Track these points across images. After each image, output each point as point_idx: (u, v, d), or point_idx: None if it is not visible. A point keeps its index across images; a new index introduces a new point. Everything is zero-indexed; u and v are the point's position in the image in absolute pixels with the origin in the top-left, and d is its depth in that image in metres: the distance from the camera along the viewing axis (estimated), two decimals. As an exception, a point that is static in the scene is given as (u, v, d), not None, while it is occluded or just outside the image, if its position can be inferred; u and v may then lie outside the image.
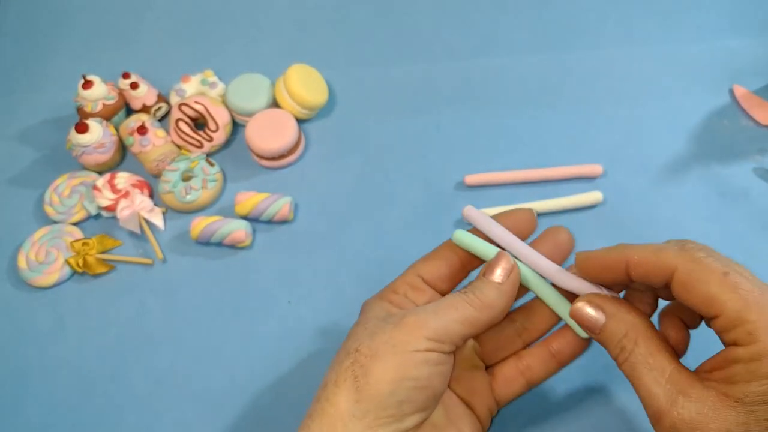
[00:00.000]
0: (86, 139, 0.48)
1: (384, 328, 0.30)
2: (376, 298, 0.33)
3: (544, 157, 0.49)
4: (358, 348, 0.30)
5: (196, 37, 0.61)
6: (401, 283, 0.34)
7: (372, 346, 0.29)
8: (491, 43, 0.57)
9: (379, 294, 0.34)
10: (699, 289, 0.26)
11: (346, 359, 0.30)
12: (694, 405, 0.26)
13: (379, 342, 0.29)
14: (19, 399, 0.42)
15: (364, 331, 0.30)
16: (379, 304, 0.33)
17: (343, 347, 0.31)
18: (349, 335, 0.31)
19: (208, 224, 0.46)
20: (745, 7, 0.58)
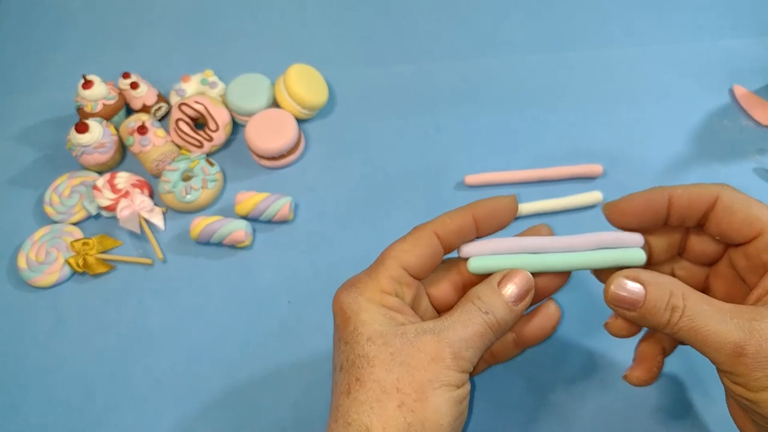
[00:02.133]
0: (86, 139, 0.48)
1: (419, 360, 0.28)
2: (363, 299, 0.30)
3: (544, 157, 0.49)
4: (398, 387, 0.27)
5: (196, 37, 0.61)
6: (386, 278, 0.30)
7: (416, 385, 0.27)
8: (491, 43, 0.57)
9: (363, 289, 0.30)
10: (741, 211, 0.29)
11: (387, 400, 0.27)
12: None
13: (423, 380, 0.27)
14: (19, 399, 0.42)
15: (391, 358, 0.28)
16: (374, 308, 0.30)
17: (367, 377, 0.28)
18: (359, 353, 0.28)
19: (208, 224, 0.46)
20: (745, 7, 0.58)
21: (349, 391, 0.28)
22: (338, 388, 0.29)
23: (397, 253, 0.31)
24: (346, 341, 0.29)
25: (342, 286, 0.31)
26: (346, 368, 0.29)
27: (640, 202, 0.31)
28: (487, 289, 0.30)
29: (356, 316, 0.29)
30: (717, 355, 0.27)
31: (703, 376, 0.39)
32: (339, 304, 0.30)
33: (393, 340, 0.28)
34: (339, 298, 0.31)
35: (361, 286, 0.31)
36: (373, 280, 0.31)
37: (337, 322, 0.30)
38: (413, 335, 0.28)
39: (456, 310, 0.30)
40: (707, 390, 0.39)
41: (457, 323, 0.29)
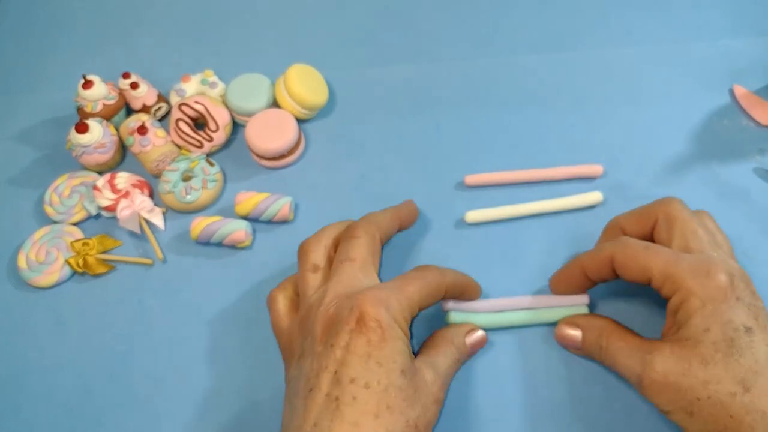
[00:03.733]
0: (86, 139, 0.48)
1: (429, 400, 0.33)
2: (397, 325, 0.33)
3: (544, 157, 0.49)
4: (417, 424, 0.32)
5: (196, 37, 0.61)
6: (409, 311, 0.34)
7: (426, 423, 0.33)
8: (491, 43, 0.57)
9: (396, 315, 0.33)
10: (631, 265, 0.35)
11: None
12: (660, 357, 0.32)
13: (430, 420, 0.33)
14: (19, 399, 0.42)
15: (415, 395, 0.32)
16: (404, 339, 0.33)
17: (396, 407, 0.31)
18: (392, 381, 0.31)
19: (208, 224, 0.46)
20: (745, 7, 0.58)
21: (378, 414, 0.30)
22: (356, 404, 0.30)
23: (422, 295, 0.35)
24: (380, 363, 0.31)
25: (371, 297, 0.33)
26: (373, 389, 0.31)
27: (563, 280, 0.40)
28: (460, 337, 0.38)
29: (394, 341, 0.32)
30: (628, 380, 0.34)
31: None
32: (378, 320, 0.32)
33: (414, 379, 0.32)
34: (377, 314, 0.32)
35: (395, 310, 0.33)
36: (404, 305, 0.34)
37: (371, 338, 0.31)
38: (426, 375, 0.34)
39: (440, 350, 0.37)
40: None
41: (444, 361, 0.36)
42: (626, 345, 0.35)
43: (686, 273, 0.32)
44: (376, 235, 0.38)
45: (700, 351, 0.31)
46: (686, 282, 0.32)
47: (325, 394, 0.31)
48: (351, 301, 0.33)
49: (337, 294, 0.34)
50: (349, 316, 0.32)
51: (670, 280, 0.33)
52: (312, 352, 0.33)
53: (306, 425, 0.30)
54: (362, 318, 0.31)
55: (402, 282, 0.35)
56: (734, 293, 0.32)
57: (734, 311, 0.31)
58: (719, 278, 0.32)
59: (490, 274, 0.44)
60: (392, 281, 0.35)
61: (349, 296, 0.33)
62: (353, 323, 0.31)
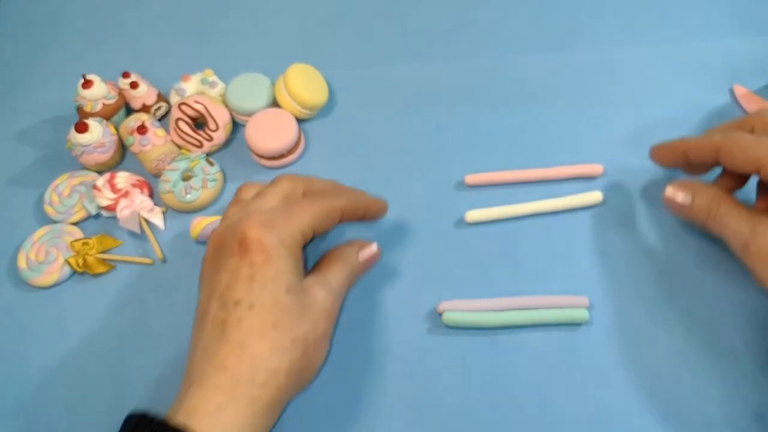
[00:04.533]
0: (86, 139, 0.48)
1: (319, 315, 0.35)
2: (283, 246, 0.34)
3: (544, 156, 0.49)
4: (305, 339, 0.33)
5: (196, 36, 0.61)
6: (301, 233, 0.35)
7: (317, 337, 0.35)
8: (491, 43, 0.57)
9: (283, 236, 0.34)
10: (740, 156, 0.37)
11: (293, 349, 0.33)
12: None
13: (323, 332, 0.35)
14: (20, 399, 0.42)
15: (302, 313, 0.34)
16: (291, 259, 0.34)
17: (282, 325, 0.32)
18: (277, 299, 0.33)
19: (208, 224, 0.46)
20: (745, 7, 0.58)
21: (263, 333, 0.31)
22: (242, 325, 0.31)
23: (312, 217, 0.36)
24: (264, 283, 0.32)
25: (254, 221, 0.33)
26: (257, 309, 0.32)
27: (662, 151, 0.43)
28: (352, 255, 0.39)
29: (279, 261, 0.33)
30: (734, 248, 0.37)
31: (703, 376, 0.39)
32: (260, 243, 0.32)
33: (302, 296, 0.33)
34: (260, 236, 0.33)
35: (281, 231, 0.34)
36: (292, 227, 0.34)
37: (254, 260, 0.32)
38: (316, 292, 0.35)
39: (332, 267, 0.37)
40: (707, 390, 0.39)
41: (336, 278, 0.37)
42: (737, 212, 0.37)
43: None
44: (300, 188, 0.39)
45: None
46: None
47: (212, 317, 0.32)
48: (235, 225, 0.34)
49: (230, 220, 0.35)
50: (232, 241, 0.33)
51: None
52: (203, 279, 0.35)
53: (197, 348, 0.32)
54: (244, 241, 0.32)
55: (292, 207, 0.36)
56: None
57: None
58: None
59: (490, 274, 0.44)
60: (282, 206, 0.36)
61: (235, 222, 0.34)
62: (236, 247, 0.33)
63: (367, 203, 0.41)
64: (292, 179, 0.39)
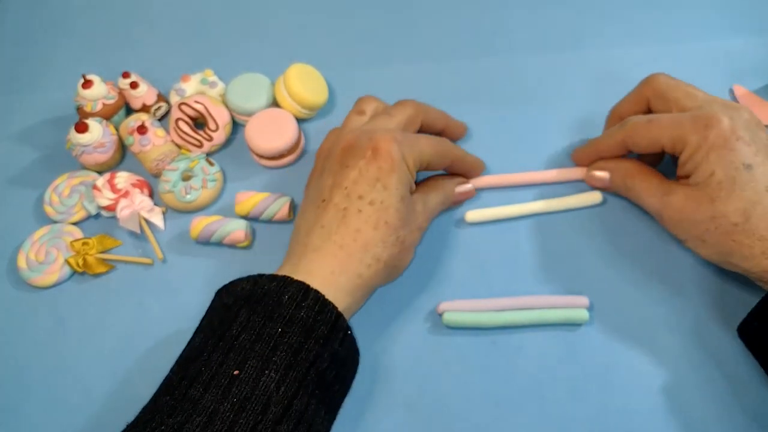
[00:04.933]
0: (86, 139, 0.48)
1: (415, 226, 0.41)
2: (406, 162, 0.39)
3: (544, 156, 0.49)
4: (404, 239, 0.39)
5: (196, 37, 0.61)
6: (419, 157, 0.40)
7: (411, 240, 0.40)
8: (492, 43, 0.57)
9: (408, 153, 0.39)
10: (641, 141, 0.40)
11: (393, 245, 0.38)
12: (675, 197, 0.39)
13: (415, 239, 0.41)
14: (19, 399, 0.42)
15: (406, 221, 0.39)
16: (409, 175, 0.39)
17: (390, 223, 0.38)
18: (391, 202, 0.38)
19: (208, 224, 0.46)
20: (745, 7, 0.58)
21: (377, 226, 0.37)
22: (361, 215, 0.37)
23: (432, 150, 0.41)
24: (385, 187, 0.37)
25: (388, 136, 0.38)
26: (376, 206, 0.37)
27: (581, 157, 0.47)
28: (451, 185, 0.45)
29: (400, 170, 0.38)
30: (650, 213, 0.42)
31: (704, 375, 0.39)
32: (390, 154, 0.38)
33: (409, 206, 0.39)
34: (390, 149, 0.38)
35: (407, 151, 0.39)
36: (415, 152, 0.39)
37: (382, 165, 0.37)
38: (417, 206, 0.40)
39: (432, 190, 0.43)
40: (707, 390, 0.39)
41: (433, 200, 0.43)
42: (648, 185, 0.41)
43: (688, 130, 0.37)
44: (420, 114, 0.44)
45: (708, 192, 0.37)
46: (689, 137, 0.37)
47: (335, 204, 0.38)
48: (369, 134, 0.39)
49: (363, 130, 0.40)
50: (366, 146, 0.38)
51: (679, 141, 0.38)
52: (330, 170, 0.39)
53: (316, 226, 0.38)
54: (377, 149, 0.38)
55: (417, 136, 0.41)
56: (734, 135, 0.36)
57: (735, 153, 0.36)
58: (719, 127, 0.37)
59: (490, 274, 0.44)
60: (409, 133, 0.41)
61: (369, 131, 0.39)
62: (369, 152, 0.38)
63: (474, 163, 0.46)
64: (415, 106, 0.44)
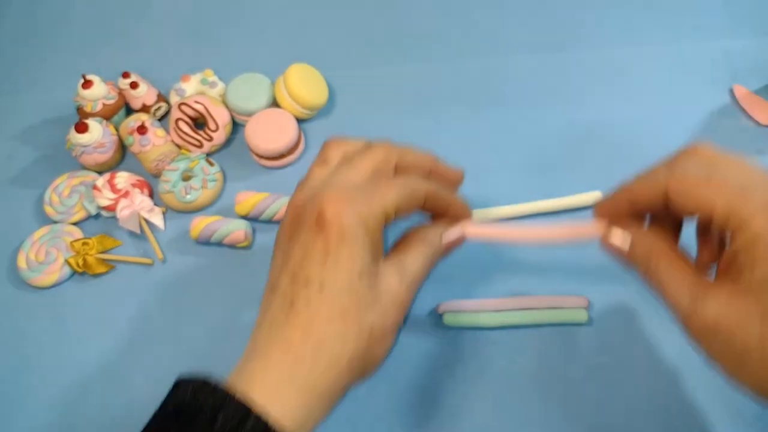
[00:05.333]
0: (86, 139, 0.48)
1: (390, 306, 0.32)
2: (364, 227, 0.31)
3: (543, 156, 0.49)
4: (372, 329, 0.31)
5: (196, 37, 0.61)
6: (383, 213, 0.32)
7: (386, 330, 0.32)
8: (491, 43, 0.57)
9: (365, 215, 0.31)
10: (690, 198, 0.30)
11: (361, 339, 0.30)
12: (714, 301, 0.28)
13: (392, 323, 0.32)
14: (19, 399, 0.42)
15: (373, 301, 0.31)
16: (368, 242, 0.31)
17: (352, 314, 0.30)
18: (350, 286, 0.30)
19: (208, 224, 0.46)
20: (745, 7, 0.58)
21: (330, 319, 0.29)
22: (310, 306, 0.30)
23: (397, 197, 0.33)
24: (337, 264, 0.30)
25: (336, 196, 0.31)
26: (327, 291, 0.30)
27: (610, 206, 0.35)
28: (435, 235, 0.36)
29: (355, 241, 0.30)
30: (672, 311, 0.31)
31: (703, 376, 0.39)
32: (338, 220, 0.30)
33: (375, 282, 0.31)
34: (339, 213, 0.30)
35: (362, 210, 0.31)
36: (375, 206, 0.32)
37: (330, 237, 0.30)
38: (390, 279, 0.32)
39: (412, 250, 0.34)
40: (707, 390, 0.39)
41: (414, 262, 0.34)
42: (678, 274, 0.31)
43: (758, 210, 0.28)
44: (393, 158, 0.35)
45: (762, 302, 0.27)
46: (756, 220, 0.27)
47: (282, 293, 0.31)
48: (316, 198, 0.31)
49: (313, 188, 0.33)
50: (311, 213, 0.31)
51: (736, 218, 0.28)
52: (278, 246, 0.33)
53: (264, 321, 0.31)
54: (322, 216, 0.30)
55: (376, 183, 0.33)
56: None
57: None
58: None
59: (490, 274, 0.44)
60: (366, 182, 0.33)
61: (316, 193, 0.32)
62: (313, 222, 0.31)
63: (451, 199, 0.37)
64: (385, 149, 0.35)
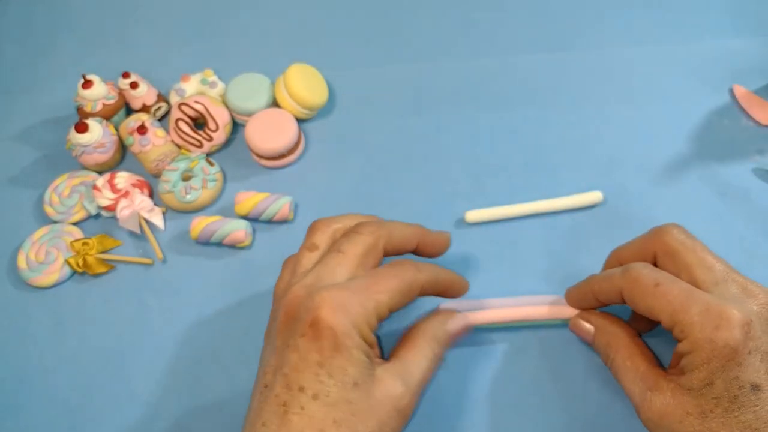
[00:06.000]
0: (86, 139, 0.48)
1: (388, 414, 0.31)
2: (356, 332, 0.30)
3: (543, 156, 0.49)
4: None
5: (196, 37, 0.61)
6: (375, 315, 0.32)
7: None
8: (491, 43, 0.57)
9: (357, 320, 0.31)
10: (640, 303, 0.33)
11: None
12: (660, 398, 0.32)
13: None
14: (19, 399, 0.42)
15: (369, 410, 0.31)
16: (362, 346, 0.31)
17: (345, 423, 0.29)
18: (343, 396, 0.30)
19: (208, 224, 0.46)
20: (745, 7, 0.58)
21: (323, 429, 0.29)
22: (303, 414, 0.29)
23: (392, 294, 0.32)
24: (331, 374, 0.29)
25: (330, 300, 0.30)
26: (321, 401, 0.29)
27: (575, 296, 0.38)
28: (440, 329, 0.36)
29: (350, 351, 0.30)
30: (632, 403, 0.33)
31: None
32: (332, 329, 0.30)
33: (371, 391, 0.30)
34: (333, 322, 0.30)
35: (354, 314, 0.31)
36: (369, 308, 0.31)
37: (324, 346, 0.30)
38: (389, 386, 0.31)
39: (417, 350, 0.34)
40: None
41: (418, 366, 0.33)
42: (632, 368, 0.34)
43: (695, 323, 0.30)
44: (381, 242, 0.35)
45: (700, 403, 0.30)
46: (694, 333, 0.30)
47: (275, 396, 0.30)
48: (310, 301, 0.31)
49: (306, 285, 0.32)
50: (305, 318, 0.30)
51: (679, 327, 0.31)
52: (272, 343, 0.32)
53: (257, 422, 0.30)
54: (316, 323, 0.30)
55: (371, 281, 0.32)
56: (747, 347, 0.29)
57: (743, 367, 0.29)
58: (730, 333, 0.29)
59: (490, 274, 0.44)
60: (361, 278, 0.33)
61: (312, 294, 0.31)
62: (307, 327, 0.30)
63: (448, 278, 0.37)
64: (372, 232, 0.35)
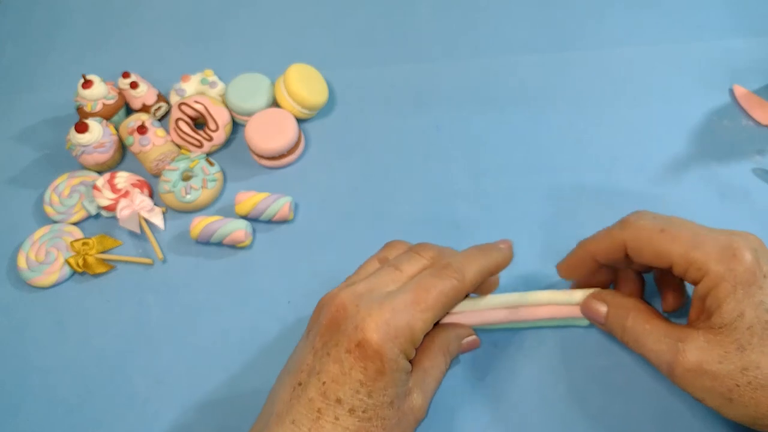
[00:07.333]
0: (86, 139, 0.48)
1: (410, 425, 0.33)
2: (401, 359, 0.31)
3: (543, 156, 0.49)
4: None
5: (196, 37, 0.61)
6: (412, 342, 0.32)
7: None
8: (491, 44, 0.57)
9: (404, 345, 0.31)
10: (648, 250, 0.33)
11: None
12: (693, 344, 0.31)
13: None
14: (19, 399, 0.42)
15: (397, 424, 0.31)
16: (403, 371, 0.31)
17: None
18: (379, 413, 0.30)
19: (208, 224, 0.46)
20: (745, 7, 0.58)
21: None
22: (337, 423, 0.30)
23: (435, 312, 0.32)
24: (370, 393, 0.30)
25: (380, 323, 0.30)
26: (356, 415, 0.30)
27: (572, 264, 0.38)
28: (455, 344, 0.36)
29: (392, 375, 0.30)
30: (657, 368, 0.33)
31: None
32: (379, 353, 0.30)
33: (402, 406, 0.32)
34: (381, 346, 0.30)
35: (401, 338, 0.31)
36: (412, 334, 0.31)
37: (368, 367, 0.30)
38: (414, 399, 0.32)
39: (434, 362, 0.34)
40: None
41: (433, 378, 0.34)
42: (654, 329, 0.33)
43: (711, 257, 0.31)
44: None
45: (736, 337, 0.30)
46: (712, 266, 0.30)
47: (309, 399, 0.30)
48: (358, 317, 0.31)
49: (355, 293, 0.32)
50: (351, 335, 0.30)
51: (695, 266, 0.31)
52: (311, 343, 0.32)
53: (287, 418, 0.30)
54: (363, 345, 0.30)
55: (418, 295, 0.32)
56: (761, 271, 0.30)
57: (764, 290, 0.30)
58: (746, 258, 0.30)
59: (490, 274, 0.44)
60: (407, 292, 0.32)
61: (359, 307, 0.31)
62: (353, 345, 0.30)
63: (493, 263, 0.36)
64: (432, 258, 0.35)
